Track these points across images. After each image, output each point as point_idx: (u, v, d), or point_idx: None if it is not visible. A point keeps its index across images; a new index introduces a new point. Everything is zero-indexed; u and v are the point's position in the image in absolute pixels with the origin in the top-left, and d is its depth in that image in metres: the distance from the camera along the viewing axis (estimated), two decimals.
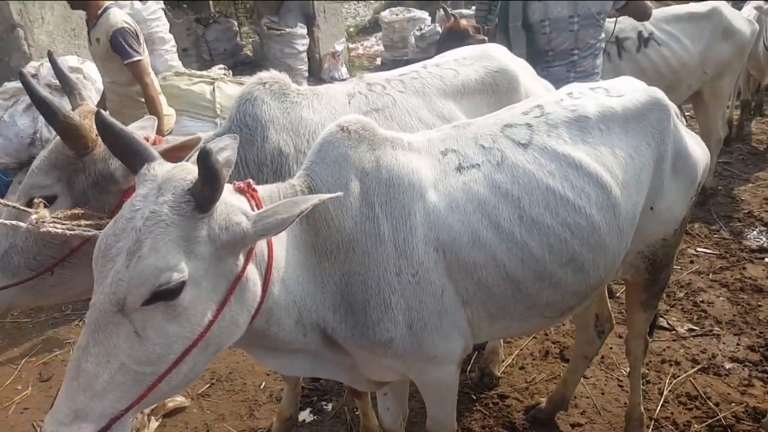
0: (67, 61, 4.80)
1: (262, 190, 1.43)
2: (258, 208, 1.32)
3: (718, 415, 2.56)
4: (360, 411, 2.43)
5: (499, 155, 1.64)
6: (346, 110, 2.03)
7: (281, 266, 1.38)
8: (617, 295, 3.44)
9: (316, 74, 8.96)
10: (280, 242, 1.40)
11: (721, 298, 3.49)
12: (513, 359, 3.03)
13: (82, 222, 1.45)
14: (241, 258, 1.24)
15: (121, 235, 1.15)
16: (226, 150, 1.49)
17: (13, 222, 1.35)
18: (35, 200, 1.45)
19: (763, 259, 3.90)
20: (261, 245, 1.32)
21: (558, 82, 3.03)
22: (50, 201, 1.58)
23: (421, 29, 9.53)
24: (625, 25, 4.51)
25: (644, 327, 2.26)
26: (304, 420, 2.70)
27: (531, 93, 2.33)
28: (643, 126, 1.81)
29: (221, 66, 5.91)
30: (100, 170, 1.62)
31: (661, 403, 2.66)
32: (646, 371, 2.88)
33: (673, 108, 1.92)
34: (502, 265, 1.58)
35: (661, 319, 3.31)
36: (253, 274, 1.28)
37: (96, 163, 1.62)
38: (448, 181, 1.58)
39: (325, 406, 2.79)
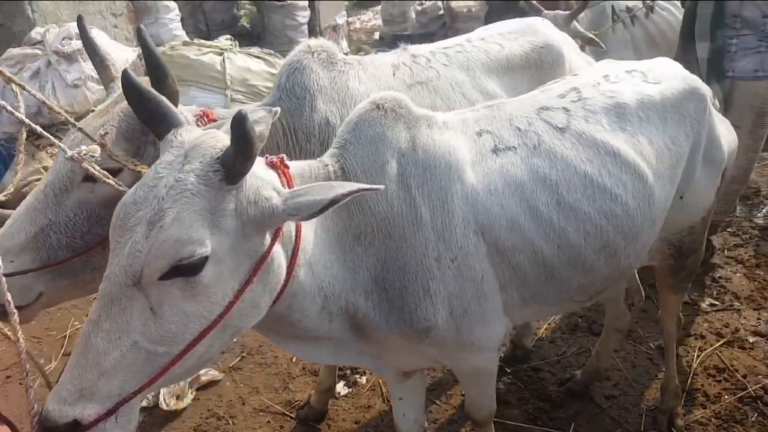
0: (74, 28, 4.63)
1: (293, 166, 1.39)
2: (288, 186, 1.27)
3: (747, 387, 2.63)
4: None
5: (536, 139, 1.61)
6: (390, 82, 2.00)
7: (309, 249, 1.34)
8: None
9: None
10: (310, 224, 1.35)
11: (738, 274, 3.56)
12: (543, 333, 3.07)
13: None
14: (268, 237, 1.19)
15: (143, 204, 1.09)
16: (260, 123, 1.41)
17: (61, 145, 1.28)
18: (101, 133, 1.38)
19: None
20: (289, 225, 1.27)
21: (747, 52, 3.02)
22: (114, 174, 1.47)
23: (422, 4, 9.38)
24: None
25: (675, 307, 2.27)
26: (339, 392, 2.71)
27: (575, 69, 2.30)
28: (681, 116, 1.78)
29: (227, 36, 5.74)
30: None
31: (691, 375, 2.71)
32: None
33: (709, 95, 1.90)
34: (539, 250, 1.57)
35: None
36: (278, 255, 1.23)
37: None
38: (485, 163, 1.55)
39: (359, 379, 2.79)
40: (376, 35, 10.38)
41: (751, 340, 2.97)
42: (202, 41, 5.34)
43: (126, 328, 1.06)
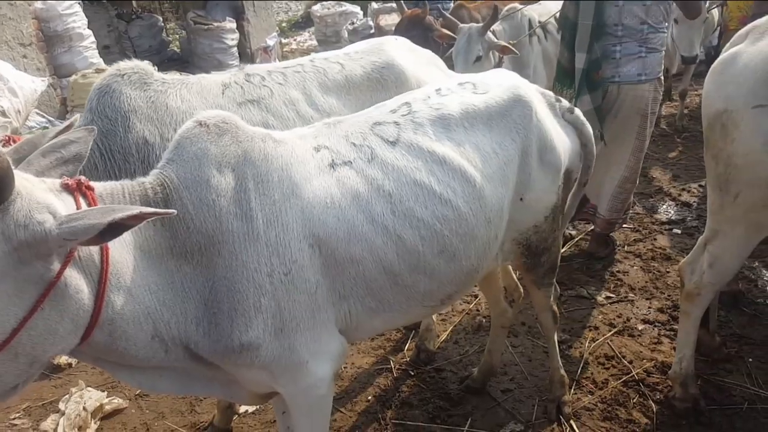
0: None
1: (102, 187, 1.37)
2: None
3: (631, 371, 2.81)
4: None
5: (370, 152, 1.68)
6: (218, 100, 2.06)
7: (125, 273, 1.31)
8: None
9: None
10: (124, 246, 1.32)
11: (635, 267, 3.80)
12: (448, 335, 3.19)
13: None
14: (56, 262, 1.17)
15: None
16: (76, 143, 1.39)
17: None
18: None
19: (671, 230, 4.26)
20: (89, 249, 1.24)
21: (630, 57, 3.33)
22: None
23: (353, 23, 9.63)
24: (543, 9, 4.86)
25: (545, 302, 2.39)
26: (246, 411, 2.73)
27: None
28: (507, 122, 1.90)
29: (146, 62, 5.73)
30: None
31: (581, 365, 2.88)
32: (568, 337, 3.11)
33: (536, 103, 1.99)
34: (378, 258, 1.62)
35: (581, 289, 3.57)
36: (74, 280, 1.21)
37: None
38: (322, 177, 1.60)
39: None
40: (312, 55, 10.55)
41: (640, 327, 3.18)
42: None
43: None
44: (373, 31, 9.30)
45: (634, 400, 2.65)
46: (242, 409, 2.70)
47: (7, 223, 1.11)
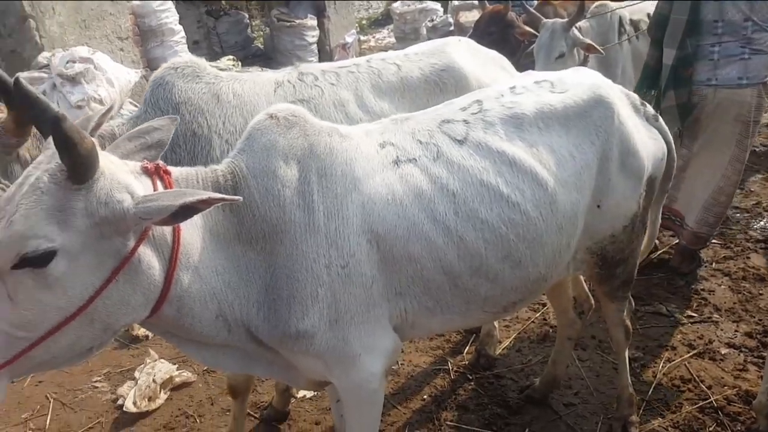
0: (78, 52, 4.91)
1: (179, 172, 1.44)
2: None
3: (710, 397, 2.60)
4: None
5: (435, 150, 1.64)
6: (270, 98, 2.08)
7: (194, 254, 1.38)
8: None
9: None
10: (195, 228, 1.38)
11: (723, 287, 3.50)
12: (511, 342, 3.09)
13: None
14: (132, 239, 1.25)
15: (11, 200, 1.19)
16: (159, 130, 1.49)
17: None
18: None
19: (767, 249, 3.88)
20: (162, 229, 1.31)
21: (730, 59, 3.03)
22: None
23: (432, 20, 9.56)
24: (635, 8, 4.53)
25: (618, 316, 2.25)
26: (305, 395, 2.78)
27: None
28: (586, 124, 1.79)
29: (230, 57, 6.01)
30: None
31: (653, 385, 2.69)
32: (642, 355, 2.92)
33: (619, 105, 1.87)
34: (438, 258, 1.58)
35: (660, 306, 3.34)
36: (147, 257, 1.29)
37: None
38: (385, 174, 1.59)
39: None
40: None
41: (723, 351, 2.92)
42: None
43: None
44: (452, 28, 9.19)
45: (710, 429, 2.45)
46: (300, 393, 2.76)
47: (90, 200, 1.20)
